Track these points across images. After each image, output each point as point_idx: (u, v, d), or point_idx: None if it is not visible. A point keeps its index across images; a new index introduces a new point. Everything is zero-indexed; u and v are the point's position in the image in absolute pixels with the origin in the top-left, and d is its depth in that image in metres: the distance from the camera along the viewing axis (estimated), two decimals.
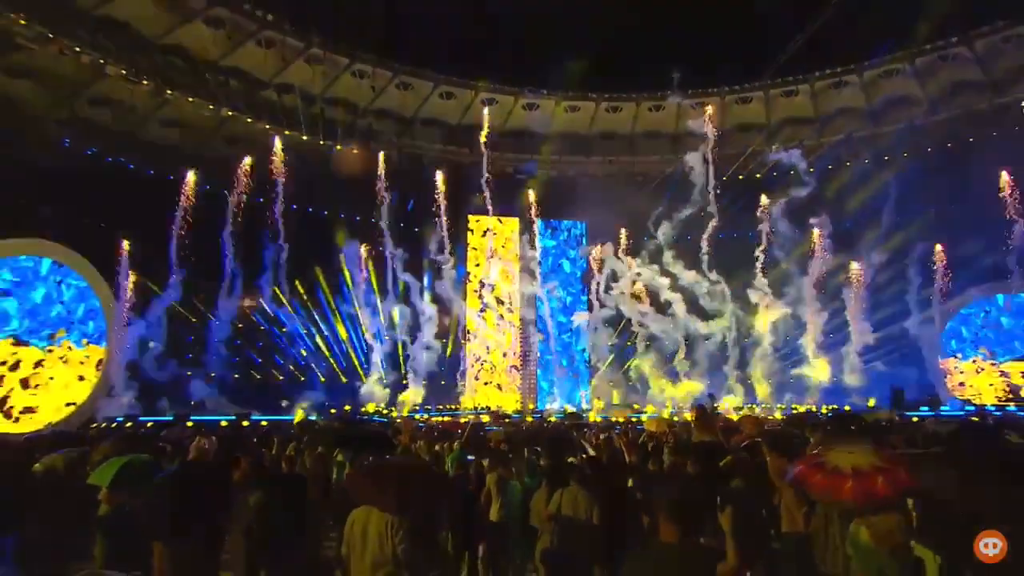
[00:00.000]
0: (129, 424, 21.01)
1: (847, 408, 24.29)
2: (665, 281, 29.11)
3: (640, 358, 30.29)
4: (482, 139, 30.39)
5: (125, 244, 25.59)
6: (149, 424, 20.88)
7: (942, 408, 24.62)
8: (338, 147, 30.99)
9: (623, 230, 31.34)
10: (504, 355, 31.77)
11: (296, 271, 28.65)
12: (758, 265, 28.87)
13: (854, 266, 28.15)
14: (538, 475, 6.73)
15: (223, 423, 21.10)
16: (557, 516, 5.65)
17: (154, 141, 28.98)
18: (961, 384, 28.84)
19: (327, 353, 30.02)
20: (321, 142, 30.80)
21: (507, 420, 23.12)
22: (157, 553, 4.89)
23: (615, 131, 34.41)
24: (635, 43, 34.92)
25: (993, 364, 28.67)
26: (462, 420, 20.97)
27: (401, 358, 29.78)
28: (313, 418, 22.30)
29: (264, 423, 21.66)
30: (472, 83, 31.87)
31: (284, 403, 26.71)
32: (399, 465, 5.15)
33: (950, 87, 29.54)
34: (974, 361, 29.14)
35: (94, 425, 21.12)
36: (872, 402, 25.25)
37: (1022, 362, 28.17)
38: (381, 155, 30.09)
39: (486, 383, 31.14)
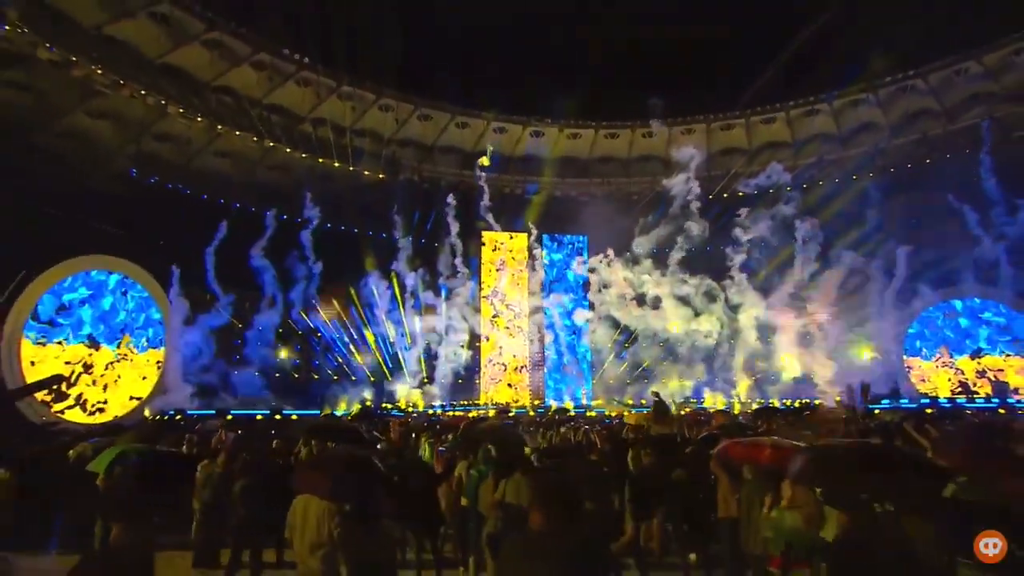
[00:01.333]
0: (178, 416, 22.94)
1: (817, 402, 27.12)
2: (655, 285, 31.90)
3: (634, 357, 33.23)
4: (481, 165, 33.55)
5: (179, 260, 28.11)
6: (194, 416, 22.90)
7: (901, 401, 27.24)
8: (366, 172, 34.32)
9: (618, 242, 34.14)
10: (514, 356, 34.82)
11: (328, 283, 31.61)
12: (739, 270, 31.51)
13: (827, 272, 30.86)
14: (489, 465, 6.72)
15: (258, 417, 22.81)
16: (501, 503, 5.92)
17: (207, 170, 32.31)
18: (923, 380, 31.63)
19: (359, 357, 32.94)
20: (351, 168, 34.07)
21: (510, 415, 24.64)
22: (114, 532, 5.11)
23: (612, 155, 37.60)
24: (630, 76, 37.85)
25: (949, 361, 31.54)
26: (471, 415, 23.60)
27: (421, 361, 32.82)
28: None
29: (294, 417, 23.20)
30: (484, 114, 35.11)
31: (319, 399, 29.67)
32: (335, 457, 5.44)
33: (909, 115, 32.48)
34: (937, 359, 31.98)
35: (153, 417, 23.62)
36: (838, 397, 27.92)
37: (974, 359, 31.12)
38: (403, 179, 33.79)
39: (497, 382, 34.18)
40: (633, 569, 7.30)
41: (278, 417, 22.48)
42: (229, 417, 21.32)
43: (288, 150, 32.58)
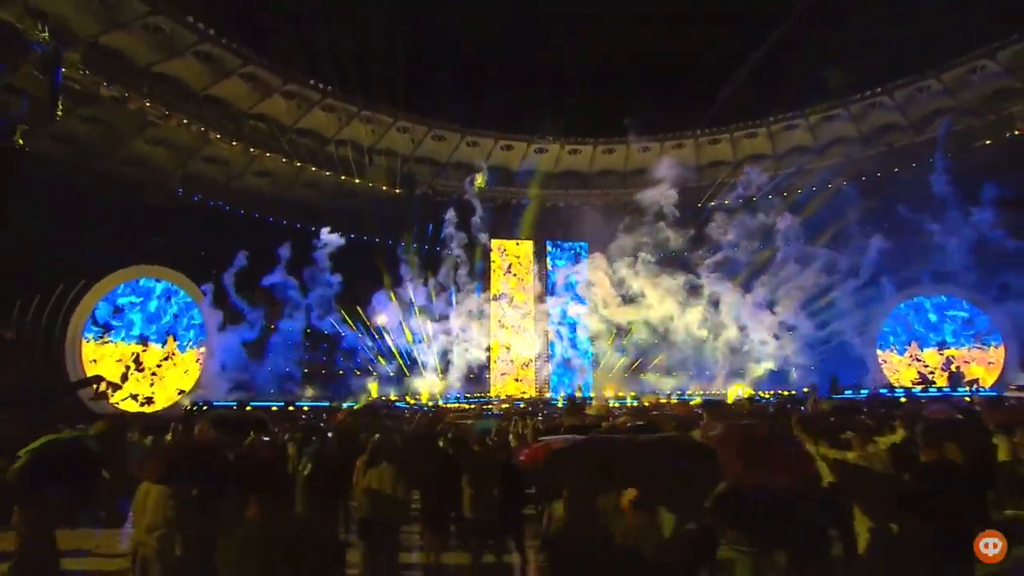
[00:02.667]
0: (204, 407, 24.45)
1: (786, 392, 29.71)
2: (643, 285, 34.39)
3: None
4: (477, 187, 36.63)
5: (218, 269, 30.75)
6: (216, 407, 24.30)
7: (862, 391, 29.30)
8: (383, 188, 37.41)
9: (615, 247, 36.23)
10: (521, 353, 37.57)
11: (352, 289, 34.17)
12: (722, 270, 34.03)
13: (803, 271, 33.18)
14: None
15: (273, 408, 24.57)
16: (368, 489, 6.29)
17: (249, 189, 35.62)
18: (895, 372, 33.89)
19: (380, 358, 35.61)
20: (370, 185, 37.20)
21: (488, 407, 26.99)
22: (15, 515, 5.30)
23: (610, 168, 40.43)
24: (625, 96, 40.50)
25: (917, 354, 33.86)
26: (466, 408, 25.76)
27: (435, 359, 35.71)
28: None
29: (305, 408, 25.31)
30: (492, 133, 38.07)
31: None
32: (174, 446, 5.81)
33: (878, 128, 35.07)
34: (909, 354, 34.32)
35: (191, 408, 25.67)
36: (807, 388, 30.27)
37: (937, 351, 33.50)
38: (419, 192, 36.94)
39: (506, 376, 36.98)
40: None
41: (291, 408, 24.45)
42: (248, 407, 23.44)
43: (313, 168, 35.74)
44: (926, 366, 33.13)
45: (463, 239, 36.59)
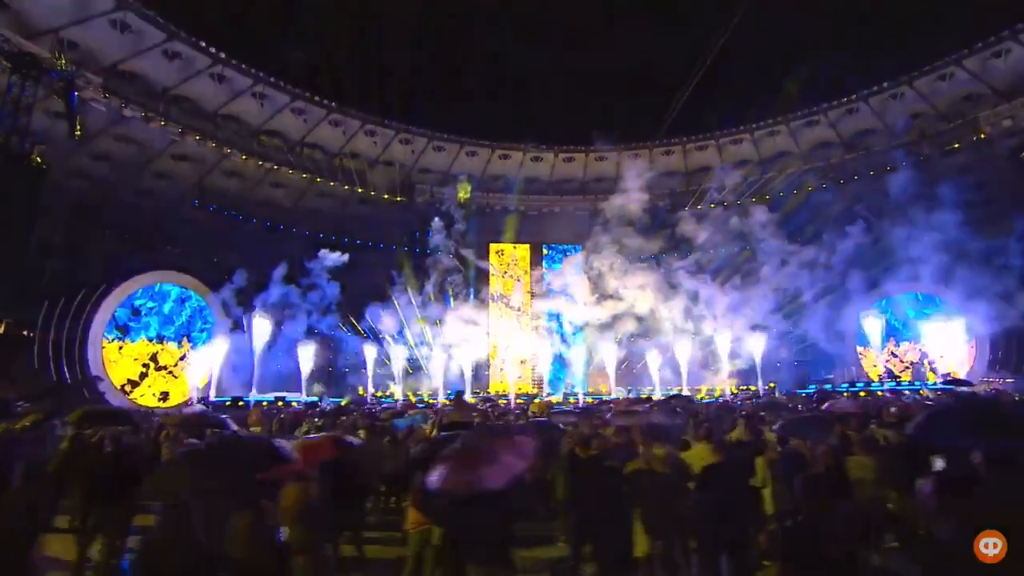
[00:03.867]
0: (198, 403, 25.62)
1: (751, 387, 30.90)
2: (628, 284, 35.83)
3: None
4: (460, 200, 38.41)
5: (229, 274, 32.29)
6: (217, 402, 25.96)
7: (826, 386, 30.31)
8: (385, 196, 39.31)
9: (606, 249, 37.70)
10: (519, 351, 39.05)
11: (358, 293, 36.08)
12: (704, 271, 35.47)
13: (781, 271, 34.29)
14: None
15: (264, 403, 24.96)
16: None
17: (268, 199, 37.95)
18: (874, 366, 34.82)
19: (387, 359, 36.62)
20: (371, 193, 39.08)
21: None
22: None
23: (602, 175, 41.89)
24: (618, 107, 42.06)
25: (894, 350, 34.75)
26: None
27: (439, 358, 37.13)
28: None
29: (294, 404, 25.83)
30: (489, 143, 39.83)
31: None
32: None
33: (856, 134, 36.09)
34: (888, 349, 35.03)
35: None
36: (772, 384, 31.26)
37: (914, 347, 34.30)
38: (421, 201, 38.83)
39: (504, 373, 38.55)
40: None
41: (280, 404, 25.25)
42: (240, 404, 24.81)
43: (317, 180, 37.77)
44: (901, 361, 33.89)
45: (461, 244, 38.52)
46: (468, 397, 30.72)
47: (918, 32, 31.23)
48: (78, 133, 26.39)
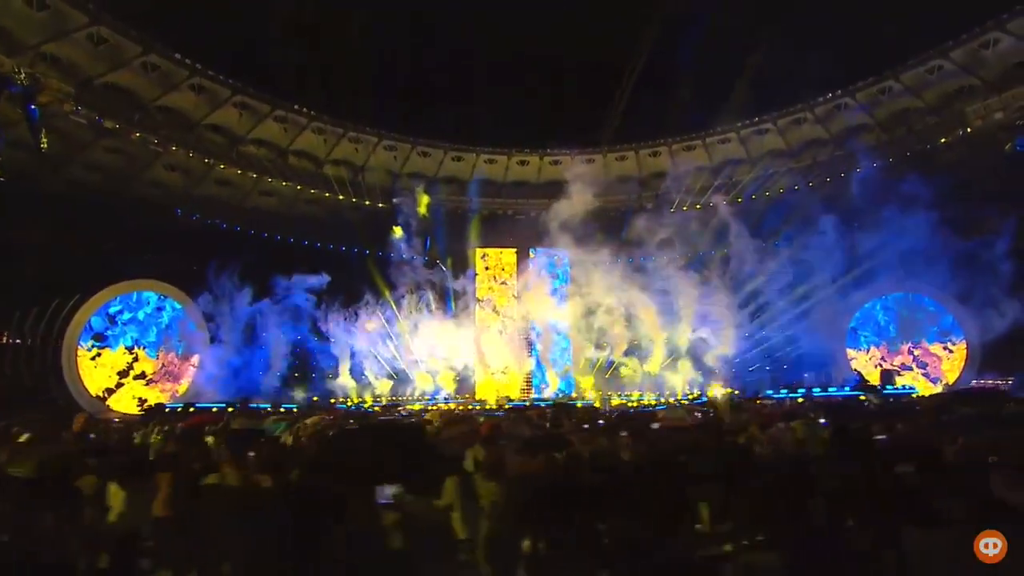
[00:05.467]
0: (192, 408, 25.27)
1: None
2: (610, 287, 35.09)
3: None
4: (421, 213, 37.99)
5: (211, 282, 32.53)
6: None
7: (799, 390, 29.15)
8: (367, 203, 39.18)
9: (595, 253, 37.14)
10: (505, 356, 38.55)
11: (345, 295, 36.29)
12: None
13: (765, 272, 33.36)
14: None
15: (229, 408, 25.18)
16: None
17: (259, 208, 38.26)
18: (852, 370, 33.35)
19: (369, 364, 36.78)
20: (353, 200, 38.85)
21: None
22: None
23: (591, 177, 41.07)
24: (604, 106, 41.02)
25: (882, 352, 33.45)
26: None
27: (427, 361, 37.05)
28: None
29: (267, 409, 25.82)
30: (475, 148, 39.37)
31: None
32: None
33: (846, 130, 34.64)
34: (880, 351, 33.83)
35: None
36: (730, 390, 30.32)
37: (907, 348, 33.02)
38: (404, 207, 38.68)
39: (489, 377, 38.14)
40: None
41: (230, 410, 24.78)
42: (214, 409, 24.75)
43: (297, 187, 37.77)
44: (893, 364, 32.64)
45: (451, 247, 38.33)
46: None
47: (901, 24, 29.77)
48: (43, 145, 26.64)
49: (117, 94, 31.42)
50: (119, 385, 29.79)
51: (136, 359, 30.95)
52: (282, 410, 25.32)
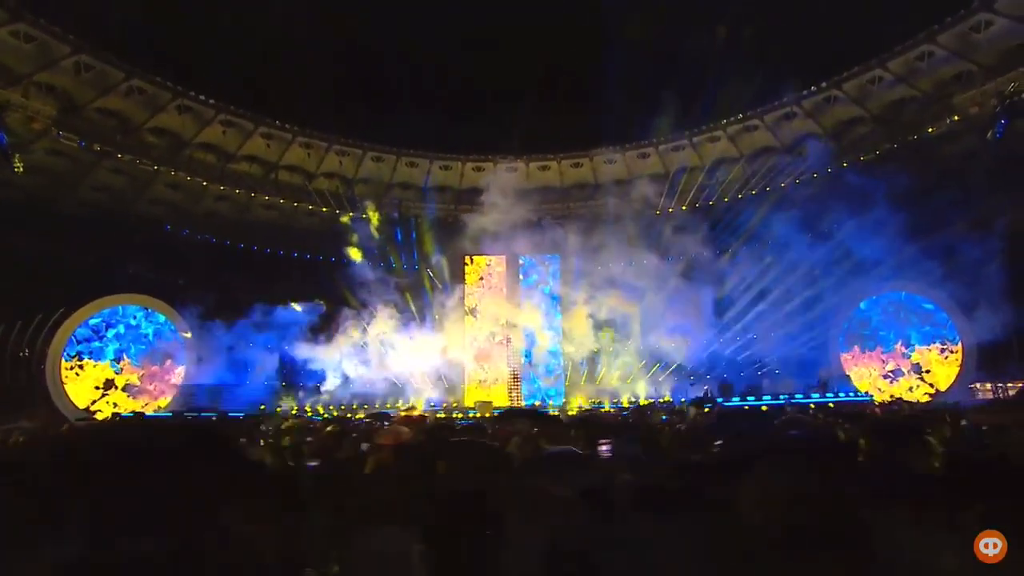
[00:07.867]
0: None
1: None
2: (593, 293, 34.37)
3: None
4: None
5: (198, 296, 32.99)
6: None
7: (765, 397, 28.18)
8: (360, 215, 39.30)
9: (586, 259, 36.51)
10: (494, 363, 38.04)
11: (337, 308, 36.68)
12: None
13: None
14: None
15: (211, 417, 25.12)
16: None
17: (261, 221, 38.83)
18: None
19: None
20: (349, 214, 39.18)
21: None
22: None
23: (582, 181, 40.33)
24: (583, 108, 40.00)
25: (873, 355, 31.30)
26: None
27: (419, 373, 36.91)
28: None
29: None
30: (462, 156, 39.02)
31: None
32: None
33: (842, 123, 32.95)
34: (874, 354, 31.78)
35: None
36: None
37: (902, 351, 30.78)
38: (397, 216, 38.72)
39: (479, 386, 37.74)
40: None
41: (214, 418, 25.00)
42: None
43: (292, 203, 38.19)
44: (889, 367, 30.62)
45: (439, 256, 38.18)
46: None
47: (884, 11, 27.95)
48: (18, 168, 27.73)
49: (108, 118, 32.67)
50: (103, 396, 30.66)
51: (120, 371, 31.74)
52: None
